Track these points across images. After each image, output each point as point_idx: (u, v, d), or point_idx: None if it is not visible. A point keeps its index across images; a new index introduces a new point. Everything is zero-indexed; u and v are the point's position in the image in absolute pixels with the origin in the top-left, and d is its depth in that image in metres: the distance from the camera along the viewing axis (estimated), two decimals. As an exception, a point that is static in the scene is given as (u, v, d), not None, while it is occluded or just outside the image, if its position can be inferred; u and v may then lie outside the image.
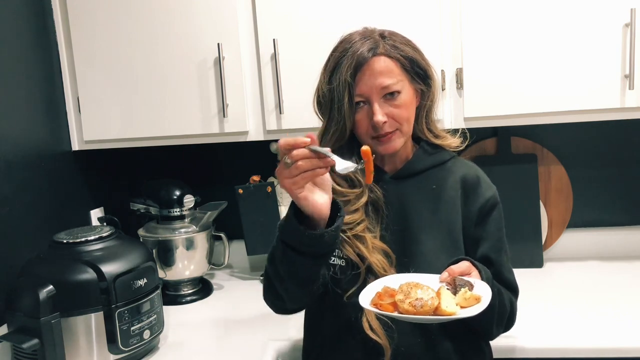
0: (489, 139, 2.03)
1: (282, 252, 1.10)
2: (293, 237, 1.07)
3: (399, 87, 1.19)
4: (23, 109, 1.68)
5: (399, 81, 1.19)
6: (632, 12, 1.55)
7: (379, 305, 1.05)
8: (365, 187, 1.23)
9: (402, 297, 1.04)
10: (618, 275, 1.84)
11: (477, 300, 1.04)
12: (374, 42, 1.19)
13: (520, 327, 1.45)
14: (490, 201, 1.27)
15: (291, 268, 1.11)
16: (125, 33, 1.77)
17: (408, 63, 1.21)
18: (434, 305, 1.02)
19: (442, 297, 1.03)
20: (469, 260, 1.15)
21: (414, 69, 1.22)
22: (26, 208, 1.64)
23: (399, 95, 1.20)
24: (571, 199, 2.01)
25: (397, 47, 1.20)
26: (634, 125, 1.95)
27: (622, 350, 1.39)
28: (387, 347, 1.17)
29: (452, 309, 1.02)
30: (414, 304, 1.02)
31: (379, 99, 1.19)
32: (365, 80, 1.18)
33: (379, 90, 1.18)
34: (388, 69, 1.18)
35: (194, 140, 1.81)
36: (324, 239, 1.06)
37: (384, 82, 1.18)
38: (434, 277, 1.11)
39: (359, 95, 1.19)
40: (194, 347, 1.55)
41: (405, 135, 1.24)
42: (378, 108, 1.18)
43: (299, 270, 1.11)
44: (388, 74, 1.18)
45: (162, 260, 1.86)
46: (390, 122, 1.20)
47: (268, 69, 1.72)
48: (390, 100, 1.19)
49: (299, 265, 1.09)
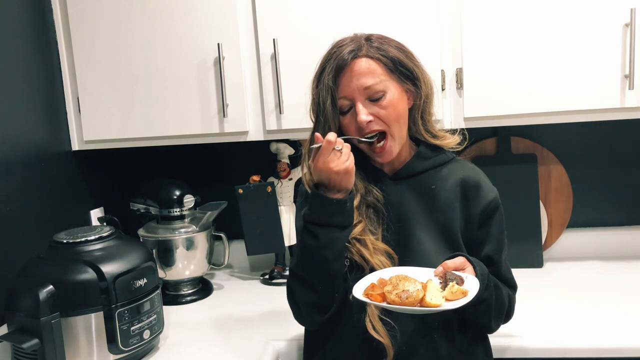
0: (489, 139, 2.03)
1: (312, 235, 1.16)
2: (321, 209, 1.15)
3: (381, 87, 1.19)
4: (23, 109, 1.68)
5: (382, 81, 1.19)
6: (632, 12, 1.55)
7: (370, 295, 1.10)
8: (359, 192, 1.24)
9: (390, 288, 1.09)
10: (618, 275, 1.84)
11: (464, 294, 1.09)
12: (357, 45, 1.20)
13: (520, 327, 1.46)
14: (492, 204, 1.27)
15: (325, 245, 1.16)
16: (125, 33, 1.77)
17: (391, 63, 1.20)
18: (419, 297, 1.07)
19: (428, 289, 1.08)
20: (464, 256, 1.18)
21: (398, 69, 1.21)
22: (26, 208, 1.64)
23: (384, 95, 1.20)
24: (571, 199, 2.02)
25: (379, 48, 1.20)
26: (634, 125, 1.95)
27: (622, 350, 1.39)
28: (389, 347, 1.18)
29: (436, 301, 1.07)
30: (400, 295, 1.07)
31: (363, 100, 1.19)
32: (347, 82, 1.19)
33: (361, 91, 1.19)
34: (369, 70, 1.19)
35: (194, 140, 1.81)
36: (346, 206, 1.16)
37: (365, 82, 1.18)
38: (429, 271, 1.16)
39: (343, 98, 1.20)
40: (194, 347, 1.55)
41: (397, 138, 1.23)
42: (362, 108, 1.19)
43: (332, 244, 1.16)
44: (369, 75, 1.19)
45: (162, 260, 1.86)
46: (376, 121, 1.20)
47: (268, 69, 1.72)
48: (375, 102, 1.20)
49: (329, 240, 1.16)
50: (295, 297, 1.24)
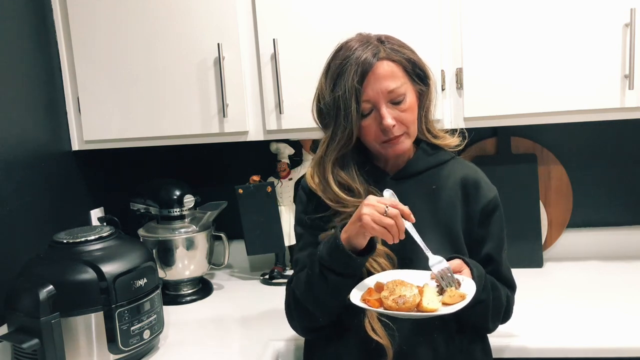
0: (489, 139, 2.03)
1: (323, 277, 1.17)
2: (340, 262, 1.14)
3: (402, 90, 1.20)
4: (23, 109, 1.68)
5: (403, 84, 1.20)
6: (632, 12, 1.55)
7: (367, 300, 1.10)
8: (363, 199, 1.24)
9: (387, 293, 1.10)
10: (618, 275, 1.84)
11: (462, 297, 1.09)
12: (375, 47, 1.19)
13: (520, 327, 1.46)
14: (492, 202, 1.28)
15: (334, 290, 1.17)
16: (125, 33, 1.77)
17: (409, 65, 1.22)
18: (415, 302, 1.08)
19: (424, 294, 1.09)
20: (461, 258, 1.19)
21: (415, 71, 1.22)
22: (26, 208, 1.64)
23: (405, 98, 1.20)
24: (571, 199, 2.01)
25: (396, 50, 1.21)
26: (634, 125, 1.95)
27: (622, 350, 1.39)
28: (389, 347, 1.18)
29: (433, 306, 1.07)
30: (396, 301, 1.07)
31: (386, 103, 1.19)
32: (372, 85, 1.18)
33: (385, 95, 1.19)
34: (392, 73, 1.19)
35: (194, 140, 1.81)
36: (365, 262, 1.16)
37: (389, 86, 1.18)
38: (426, 274, 1.16)
39: (366, 102, 1.19)
40: (194, 347, 1.55)
41: (412, 137, 1.25)
42: (386, 111, 1.19)
43: (341, 290, 1.17)
44: (392, 78, 1.19)
45: (162, 260, 1.86)
46: (398, 125, 1.20)
47: (268, 69, 1.72)
48: (397, 105, 1.20)
49: (342, 285, 1.16)
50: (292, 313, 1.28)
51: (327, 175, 1.24)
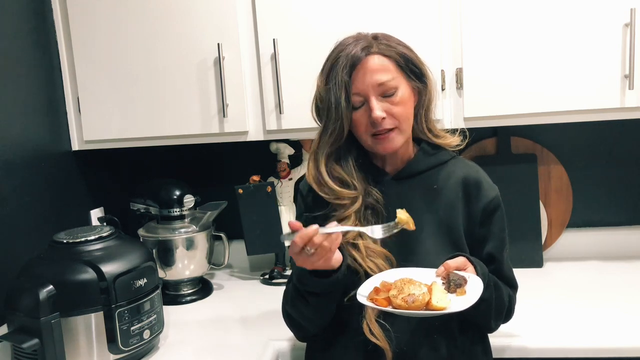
0: (489, 139, 2.03)
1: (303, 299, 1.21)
2: (313, 287, 1.18)
3: (394, 83, 1.20)
4: (23, 108, 1.68)
5: (394, 78, 1.20)
6: (632, 12, 1.55)
7: (375, 299, 1.09)
8: (360, 193, 1.24)
9: (396, 292, 1.08)
10: (618, 275, 1.84)
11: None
12: (367, 42, 1.21)
13: (520, 327, 1.46)
14: (493, 201, 1.28)
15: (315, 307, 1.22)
16: (125, 33, 1.77)
17: (402, 61, 1.22)
18: (425, 300, 1.06)
19: (433, 292, 1.08)
20: (464, 255, 1.18)
21: (409, 67, 1.23)
22: (26, 208, 1.64)
23: (396, 92, 1.21)
24: (571, 199, 2.02)
25: (390, 45, 1.22)
26: (634, 125, 1.95)
27: (622, 350, 1.39)
28: (387, 349, 1.18)
29: (442, 304, 1.06)
30: (406, 299, 1.06)
31: (377, 96, 1.20)
32: (361, 78, 1.19)
33: (375, 87, 1.19)
34: (383, 66, 1.20)
35: (194, 140, 1.81)
36: (339, 279, 1.16)
37: (379, 78, 1.19)
38: (431, 272, 1.15)
39: (356, 94, 1.20)
40: (194, 347, 1.55)
41: (404, 133, 1.24)
42: (376, 104, 1.19)
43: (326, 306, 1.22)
44: (383, 71, 1.19)
45: (162, 260, 1.86)
46: (389, 118, 1.20)
47: (268, 69, 1.72)
48: (388, 98, 1.20)
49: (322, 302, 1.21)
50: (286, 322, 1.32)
51: (320, 167, 1.25)
